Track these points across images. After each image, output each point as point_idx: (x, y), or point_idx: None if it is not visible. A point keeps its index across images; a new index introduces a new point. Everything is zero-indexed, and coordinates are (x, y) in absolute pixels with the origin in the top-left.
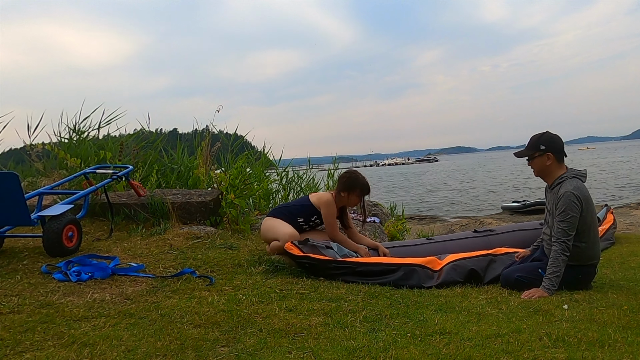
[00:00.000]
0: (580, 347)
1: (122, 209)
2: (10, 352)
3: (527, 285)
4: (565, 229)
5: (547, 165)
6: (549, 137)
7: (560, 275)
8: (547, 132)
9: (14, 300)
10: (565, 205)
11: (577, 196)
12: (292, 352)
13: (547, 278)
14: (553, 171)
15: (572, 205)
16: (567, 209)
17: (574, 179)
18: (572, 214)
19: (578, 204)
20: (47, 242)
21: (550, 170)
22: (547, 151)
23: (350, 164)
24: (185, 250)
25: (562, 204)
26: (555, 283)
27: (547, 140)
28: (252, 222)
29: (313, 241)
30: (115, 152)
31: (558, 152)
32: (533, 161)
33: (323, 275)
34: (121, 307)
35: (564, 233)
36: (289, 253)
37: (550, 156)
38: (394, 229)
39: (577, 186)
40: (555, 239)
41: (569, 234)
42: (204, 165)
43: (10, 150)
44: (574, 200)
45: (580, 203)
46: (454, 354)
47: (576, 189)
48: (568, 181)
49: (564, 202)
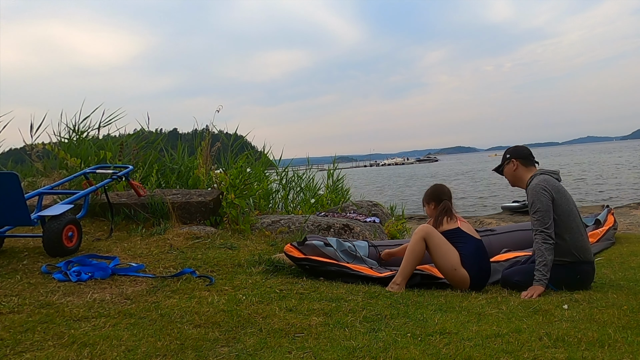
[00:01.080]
0: (580, 347)
1: (122, 209)
2: (10, 352)
3: (526, 289)
4: (539, 218)
5: (514, 171)
6: (513, 147)
7: (548, 264)
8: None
9: (14, 300)
10: (533, 196)
11: (543, 187)
12: (292, 352)
13: (536, 270)
14: (522, 176)
15: (539, 195)
16: (535, 200)
17: (541, 175)
18: (540, 204)
19: (545, 193)
20: (47, 242)
21: (519, 175)
22: (511, 158)
23: (350, 164)
24: (185, 250)
25: (530, 197)
26: (545, 272)
27: (511, 150)
28: (252, 222)
29: (312, 238)
30: (115, 152)
31: (522, 158)
32: (503, 171)
33: (323, 275)
34: (121, 307)
35: (540, 223)
36: (289, 255)
37: (515, 162)
38: (394, 228)
39: (543, 179)
40: (534, 232)
41: (544, 222)
42: (204, 165)
43: (10, 150)
44: (540, 191)
45: (549, 192)
46: (454, 354)
47: (542, 181)
48: (536, 177)
49: (531, 195)
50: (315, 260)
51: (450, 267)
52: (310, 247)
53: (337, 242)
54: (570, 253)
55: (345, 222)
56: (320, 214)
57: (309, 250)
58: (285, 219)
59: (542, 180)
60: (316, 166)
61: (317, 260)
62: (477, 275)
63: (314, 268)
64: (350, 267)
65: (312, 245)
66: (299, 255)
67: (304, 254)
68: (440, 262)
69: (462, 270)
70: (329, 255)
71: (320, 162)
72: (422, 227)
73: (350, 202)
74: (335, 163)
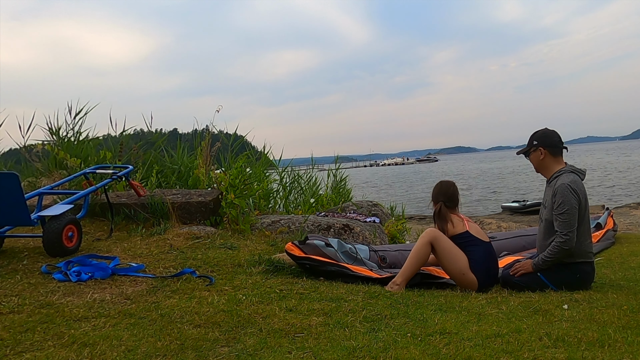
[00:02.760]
0: (580, 347)
1: (122, 209)
2: (10, 352)
3: (525, 288)
4: (566, 220)
5: (541, 159)
6: (543, 132)
7: (553, 262)
8: (543, 129)
9: (14, 300)
10: (562, 197)
11: (574, 189)
12: (292, 352)
13: (541, 258)
14: (549, 166)
15: (569, 197)
16: (564, 201)
17: (571, 174)
18: (568, 205)
19: (575, 196)
20: (47, 242)
21: (546, 164)
22: (539, 146)
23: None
24: (185, 250)
25: (559, 197)
26: (545, 266)
27: (540, 135)
28: (252, 222)
29: (312, 237)
30: (115, 152)
31: (551, 147)
32: (529, 157)
33: (323, 275)
34: (121, 307)
35: (565, 225)
36: (290, 254)
37: (543, 151)
38: (394, 229)
39: (573, 180)
40: (558, 233)
41: (571, 224)
42: (204, 165)
43: (10, 150)
44: (571, 192)
45: (578, 196)
46: (454, 354)
47: (572, 183)
48: (565, 175)
49: (560, 194)
50: (316, 260)
51: (458, 272)
52: (311, 246)
53: (339, 243)
54: (574, 254)
55: (345, 222)
56: (320, 214)
57: (310, 250)
58: (285, 219)
59: (573, 182)
60: (317, 166)
61: (317, 260)
62: (485, 280)
63: (314, 267)
64: (351, 268)
65: (313, 245)
66: (299, 254)
67: (305, 253)
68: (449, 266)
69: (471, 274)
70: (329, 256)
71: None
72: (429, 231)
73: (351, 202)
74: (338, 163)
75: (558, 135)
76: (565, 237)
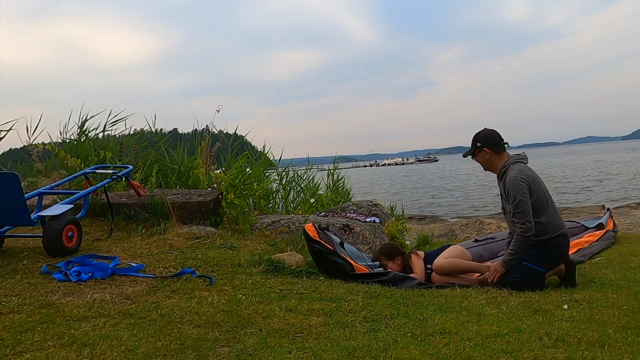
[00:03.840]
0: (580, 347)
1: (122, 209)
2: (10, 352)
3: (522, 284)
4: (521, 211)
5: (487, 159)
6: (484, 133)
7: (519, 254)
8: (483, 130)
9: (14, 300)
10: (514, 191)
11: (522, 178)
12: (292, 352)
13: (507, 253)
14: (495, 163)
15: (519, 189)
16: (516, 194)
17: (516, 164)
18: (521, 197)
19: (525, 185)
20: (47, 242)
21: (492, 162)
22: (483, 147)
23: (349, 164)
24: (185, 250)
25: (511, 191)
26: (512, 259)
27: (482, 137)
28: (252, 222)
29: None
30: (115, 152)
31: (494, 145)
32: (475, 158)
33: (325, 266)
34: (121, 307)
35: (521, 215)
36: (307, 233)
37: (487, 150)
38: (394, 229)
39: (520, 170)
40: (517, 224)
41: (526, 213)
42: (204, 165)
43: (11, 150)
44: (520, 183)
45: (527, 184)
46: (454, 354)
47: (519, 173)
48: (510, 167)
49: (511, 189)
50: (326, 247)
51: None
52: (328, 236)
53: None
54: (547, 231)
55: (345, 222)
56: (320, 214)
57: (325, 237)
58: (285, 219)
59: (520, 172)
60: (316, 166)
61: (327, 247)
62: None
63: (321, 255)
64: (354, 265)
65: (329, 236)
66: (314, 236)
67: (319, 238)
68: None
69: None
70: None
71: (320, 162)
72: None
73: (351, 202)
74: (336, 163)
75: (498, 134)
76: (524, 226)
